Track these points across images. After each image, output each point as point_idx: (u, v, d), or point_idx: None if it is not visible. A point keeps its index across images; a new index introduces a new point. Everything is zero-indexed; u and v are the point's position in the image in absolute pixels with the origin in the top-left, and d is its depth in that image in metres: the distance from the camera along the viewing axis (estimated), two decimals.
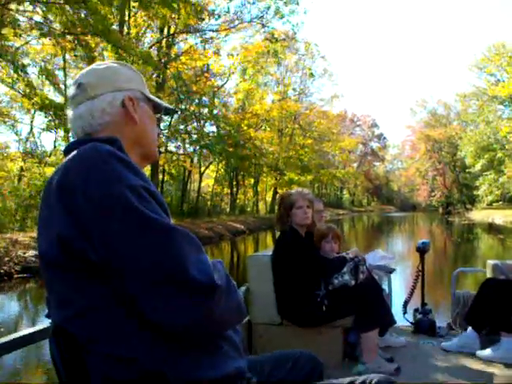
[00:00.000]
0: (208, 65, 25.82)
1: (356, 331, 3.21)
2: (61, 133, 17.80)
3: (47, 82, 19.53)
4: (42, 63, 18.58)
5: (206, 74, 25.37)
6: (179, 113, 21.97)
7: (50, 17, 14.62)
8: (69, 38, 15.15)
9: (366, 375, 1.22)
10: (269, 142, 34.03)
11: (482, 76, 41.01)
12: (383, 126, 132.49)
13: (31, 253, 11.12)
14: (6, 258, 10.67)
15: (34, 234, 12.66)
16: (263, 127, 33.79)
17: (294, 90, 39.28)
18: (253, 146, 30.72)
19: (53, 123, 17.10)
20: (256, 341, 3.41)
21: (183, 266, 1.01)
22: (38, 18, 14.82)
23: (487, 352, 3.31)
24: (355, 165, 69.21)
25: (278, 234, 3.57)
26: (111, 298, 1.06)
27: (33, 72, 17.53)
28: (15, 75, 15.36)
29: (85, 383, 1.10)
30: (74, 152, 1.13)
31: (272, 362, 1.46)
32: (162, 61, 20.72)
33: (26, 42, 17.38)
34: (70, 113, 1.31)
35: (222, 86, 29.09)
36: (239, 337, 1.26)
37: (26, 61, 17.19)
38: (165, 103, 1.47)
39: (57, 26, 14.71)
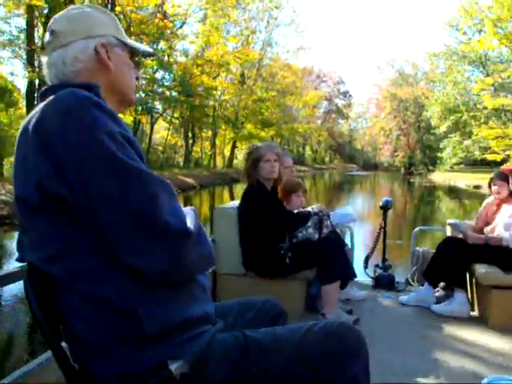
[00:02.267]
0: (162, 4, 24.68)
1: (318, 284, 3.43)
2: None
3: None
4: None
5: (159, 15, 24.38)
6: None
7: None
8: None
9: (326, 320, 1.33)
10: (227, 92, 33.41)
11: (454, 34, 41.29)
12: (349, 84, 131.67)
13: None
14: None
15: None
16: (221, 75, 33.01)
17: (257, 37, 38.55)
18: (208, 95, 30.02)
19: None
20: (220, 291, 3.62)
21: (157, 211, 1.09)
22: None
23: (441, 306, 3.67)
24: (319, 122, 69.53)
25: (235, 189, 3.68)
26: (88, 240, 1.13)
27: None
28: None
29: (60, 322, 1.21)
30: (51, 97, 1.17)
31: (238, 308, 1.56)
32: None
33: None
34: (44, 59, 1.35)
35: (180, 28, 28.15)
36: (208, 281, 1.35)
37: None
38: (142, 46, 1.51)
39: None
